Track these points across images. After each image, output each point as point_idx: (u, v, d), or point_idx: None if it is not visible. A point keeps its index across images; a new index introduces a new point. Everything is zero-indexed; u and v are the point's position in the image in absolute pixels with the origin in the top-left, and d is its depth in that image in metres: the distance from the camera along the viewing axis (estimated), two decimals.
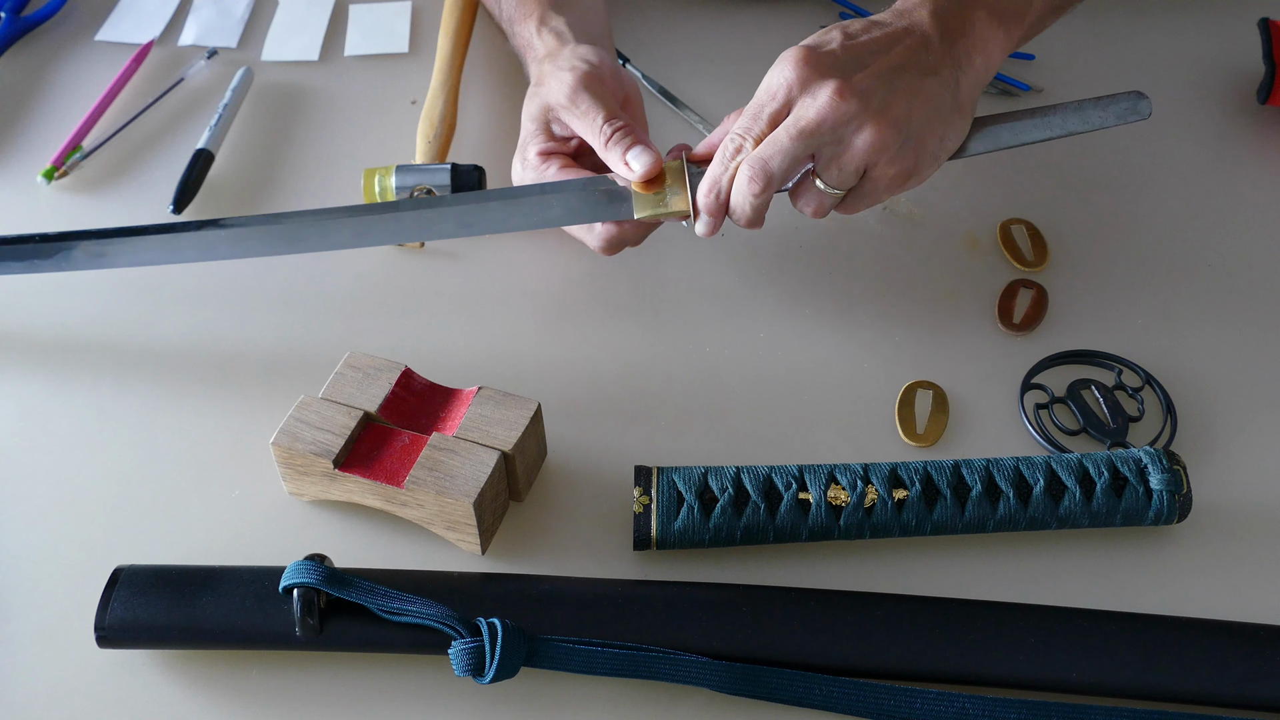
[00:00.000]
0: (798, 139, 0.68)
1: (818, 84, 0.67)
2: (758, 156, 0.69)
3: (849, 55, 0.68)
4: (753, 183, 0.69)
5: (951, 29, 0.71)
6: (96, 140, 0.93)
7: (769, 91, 0.69)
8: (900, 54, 0.69)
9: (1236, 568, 0.69)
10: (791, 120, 0.68)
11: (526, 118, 0.79)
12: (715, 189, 0.71)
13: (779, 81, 0.68)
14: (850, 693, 0.62)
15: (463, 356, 0.79)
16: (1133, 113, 0.75)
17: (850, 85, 0.67)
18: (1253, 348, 0.80)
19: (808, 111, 0.67)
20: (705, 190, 0.72)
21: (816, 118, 0.67)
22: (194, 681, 0.64)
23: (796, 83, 0.67)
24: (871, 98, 0.67)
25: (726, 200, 0.71)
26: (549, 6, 0.85)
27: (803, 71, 0.67)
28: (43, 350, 0.80)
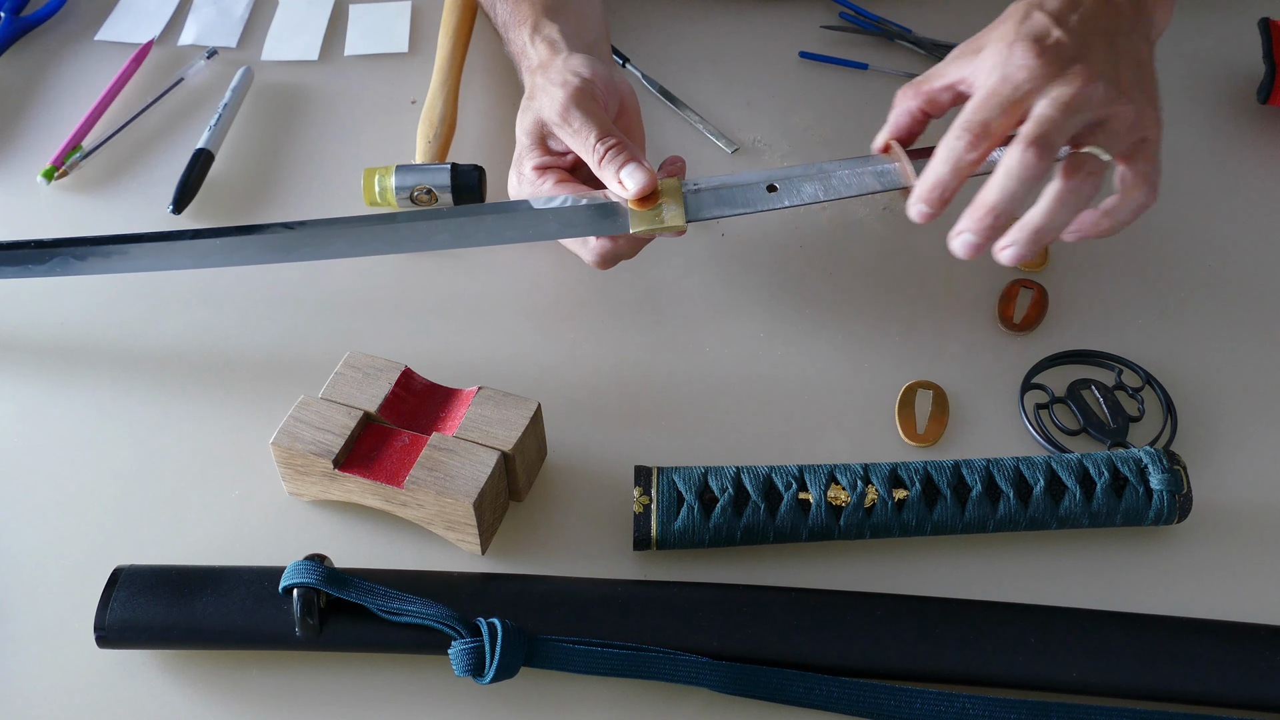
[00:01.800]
0: (1066, 112, 0.64)
1: (1062, 74, 0.65)
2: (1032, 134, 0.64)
3: (1075, 40, 0.66)
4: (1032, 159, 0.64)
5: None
6: (96, 140, 0.93)
7: (1009, 83, 0.65)
8: (1108, 23, 0.68)
9: (1236, 568, 0.69)
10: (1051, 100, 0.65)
11: (521, 132, 0.79)
12: (942, 186, 0.67)
13: (1019, 73, 0.65)
14: (850, 693, 0.62)
15: (463, 356, 0.79)
16: None
17: (1092, 70, 0.65)
18: (1253, 347, 0.80)
19: (1064, 93, 0.64)
20: (930, 188, 0.67)
21: (1075, 97, 0.64)
22: (194, 681, 0.64)
23: (1041, 76, 0.65)
24: (1112, 77, 0.65)
25: (950, 196, 0.68)
26: (543, 13, 0.84)
27: (1044, 65, 0.65)
28: (43, 351, 0.80)
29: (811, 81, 0.99)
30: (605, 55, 0.87)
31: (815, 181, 0.75)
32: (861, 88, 0.98)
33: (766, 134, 0.94)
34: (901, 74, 0.99)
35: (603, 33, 0.89)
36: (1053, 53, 0.65)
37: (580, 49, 0.81)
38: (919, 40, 1.01)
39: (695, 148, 0.93)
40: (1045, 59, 0.65)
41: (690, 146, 0.93)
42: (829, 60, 1.00)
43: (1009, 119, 0.66)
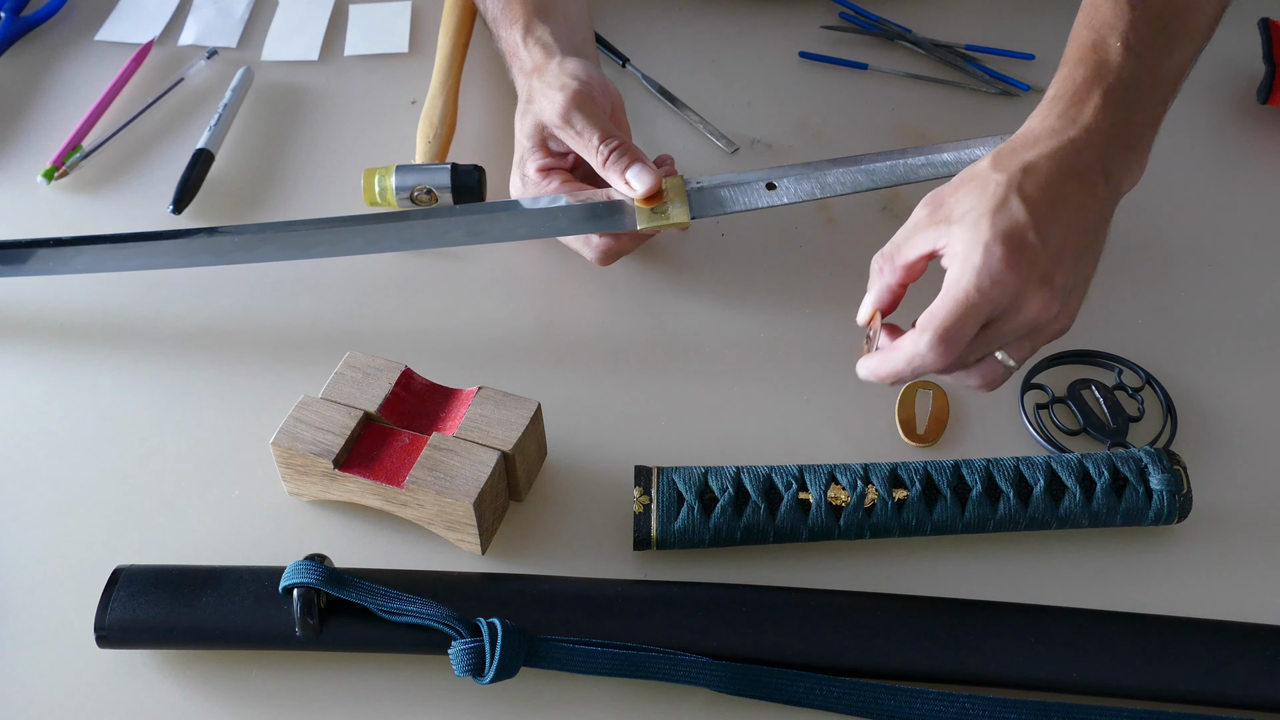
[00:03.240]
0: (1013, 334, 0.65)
1: (1027, 293, 0.64)
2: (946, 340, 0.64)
3: (1047, 251, 0.64)
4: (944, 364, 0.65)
5: (1115, 175, 0.68)
6: (96, 140, 0.93)
7: (985, 296, 0.63)
8: (1080, 217, 0.66)
9: (1236, 568, 0.69)
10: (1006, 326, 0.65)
11: (522, 134, 0.80)
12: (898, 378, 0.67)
13: (993, 289, 0.63)
14: (850, 693, 0.62)
15: (463, 356, 0.79)
16: None
17: (1054, 290, 0.64)
18: (1253, 347, 0.80)
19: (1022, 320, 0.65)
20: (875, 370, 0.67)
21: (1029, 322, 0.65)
22: (194, 681, 0.64)
23: (1012, 293, 0.63)
24: (1069, 291, 0.65)
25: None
26: (534, 14, 0.85)
27: (1016, 280, 0.63)
28: (43, 350, 0.80)
29: (811, 81, 0.99)
30: (592, 55, 0.88)
31: (812, 180, 0.78)
32: (861, 88, 0.98)
33: (766, 134, 0.94)
34: (901, 74, 0.99)
35: (589, 32, 0.90)
36: (1026, 265, 0.63)
37: (570, 51, 0.82)
38: (919, 40, 1.01)
39: (695, 148, 0.93)
40: (1019, 273, 0.63)
41: (690, 146, 0.93)
42: (829, 60, 1.00)
43: (976, 326, 0.64)
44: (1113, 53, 0.69)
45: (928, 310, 0.65)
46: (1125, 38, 0.69)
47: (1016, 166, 0.65)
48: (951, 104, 0.97)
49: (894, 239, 0.69)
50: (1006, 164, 0.66)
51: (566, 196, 0.78)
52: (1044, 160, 0.66)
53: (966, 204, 0.66)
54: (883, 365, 0.67)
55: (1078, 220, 0.65)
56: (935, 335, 0.63)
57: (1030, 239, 0.63)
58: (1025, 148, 0.67)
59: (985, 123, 0.95)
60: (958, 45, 1.01)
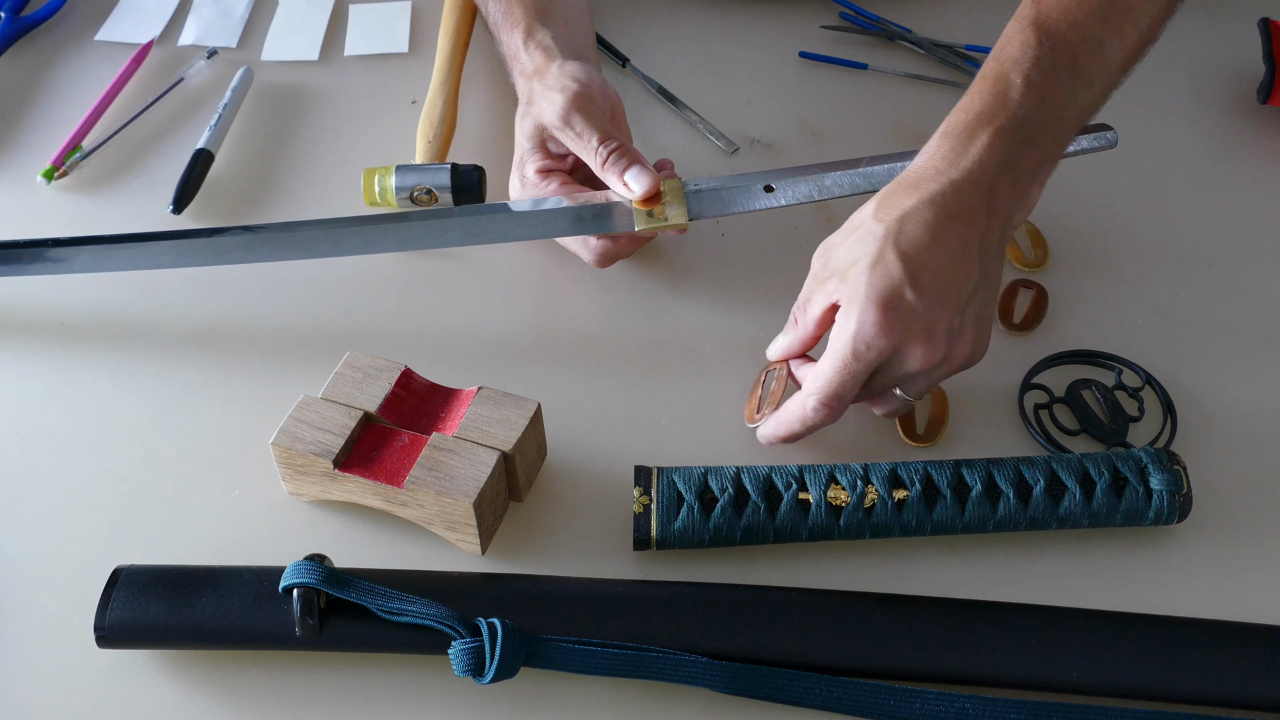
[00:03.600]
0: (894, 383, 0.69)
1: (905, 345, 0.66)
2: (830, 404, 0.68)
3: (926, 303, 0.65)
4: (828, 419, 0.69)
5: (1001, 207, 0.68)
6: (96, 140, 0.93)
7: (859, 358, 0.66)
8: (964, 258, 0.66)
9: (1236, 568, 0.69)
10: (888, 383, 0.68)
11: (521, 136, 0.81)
12: (790, 435, 0.70)
13: (868, 352, 0.65)
14: (850, 693, 0.62)
15: (463, 356, 0.79)
16: (1102, 142, 0.81)
17: (934, 340, 0.65)
18: (1253, 347, 0.80)
19: (902, 369, 0.67)
20: (772, 434, 0.71)
21: (913, 372, 0.67)
22: (194, 681, 0.64)
23: (886, 348, 0.65)
24: (955, 333, 0.66)
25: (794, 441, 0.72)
26: (535, 18, 0.85)
27: (890, 339, 0.65)
28: (44, 350, 0.80)
29: (811, 81, 0.99)
30: (593, 59, 0.88)
31: (810, 182, 0.78)
32: (861, 88, 0.98)
33: (766, 134, 0.94)
34: (901, 74, 0.99)
35: (590, 37, 0.91)
36: (902, 324, 0.65)
37: (571, 55, 0.82)
38: (919, 40, 1.01)
39: (695, 148, 0.93)
40: (894, 333, 0.65)
41: (690, 146, 0.93)
42: (829, 60, 1.00)
43: (858, 386, 0.67)
44: (1013, 89, 0.68)
45: (813, 370, 0.68)
46: (1028, 75, 0.68)
47: (895, 216, 0.66)
48: (951, 104, 0.96)
49: (804, 291, 0.72)
50: (887, 212, 0.67)
51: (565, 198, 0.78)
52: (923, 206, 0.66)
53: (850, 257, 0.67)
54: (778, 429, 0.71)
55: (959, 262, 0.66)
56: (819, 400, 0.68)
57: (906, 296, 0.65)
58: (907, 190, 0.67)
59: None
60: (958, 45, 1.01)
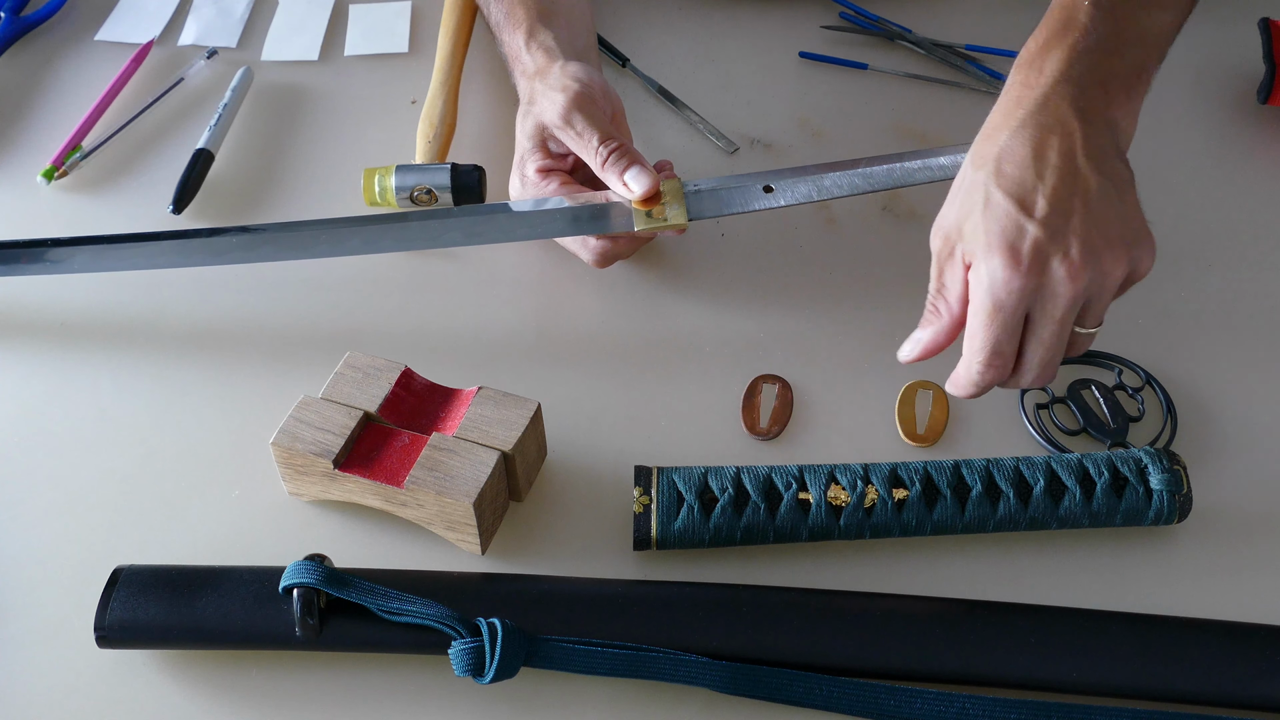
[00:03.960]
0: (1061, 326, 0.64)
1: (1049, 279, 0.63)
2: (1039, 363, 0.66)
3: (1050, 231, 0.63)
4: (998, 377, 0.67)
5: (1094, 111, 0.66)
6: (96, 140, 0.93)
7: (1003, 309, 0.64)
8: (1070, 169, 0.64)
9: (1236, 568, 0.69)
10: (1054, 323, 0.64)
11: (522, 135, 0.81)
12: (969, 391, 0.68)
13: (1009, 298, 0.63)
14: (850, 693, 0.62)
15: (463, 356, 0.79)
16: None
17: (1074, 260, 0.62)
18: (1253, 348, 0.80)
19: (1057, 301, 0.63)
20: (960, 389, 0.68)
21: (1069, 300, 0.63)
22: (194, 681, 0.64)
23: (1029, 289, 0.63)
24: (1097, 244, 0.63)
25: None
26: (537, 19, 0.85)
27: (1028, 279, 0.63)
28: (43, 350, 0.80)
29: (811, 81, 0.99)
30: (595, 61, 0.88)
31: (809, 182, 0.78)
32: (861, 88, 0.98)
33: (766, 134, 0.94)
34: (901, 74, 0.99)
35: (592, 39, 0.91)
36: (1030, 256, 0.62)
37: (573, 56, 0.82)
38: (919, 40, 1.01)
39: (695, 148, 0.93)
40: (1026, 269, 0.62)
41: (690, 146, 0.93)
42: (829, 60, 1.00)
43: (1016, 335, 0.65)
44: (1080, 12, 0.68)
45: (966, 332, 0.66)
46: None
47: (991, 158, 0.65)
48: (951, 104, 0.97)
49: (933, 279, 0.69)
50: (982, 157, 0.66)
51: (565, 198, 0.78)
52: (1012, 137, 0.65)
53: (961, 215, 0.66)
54: (957, 391, 0.68)
55: (1069, 174, 0.64)
56: (982, 361, 0.65)
57: (1025, 228, 0.63)
58: (995, 131, 0.67)
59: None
60: (958, 45, 1.01)
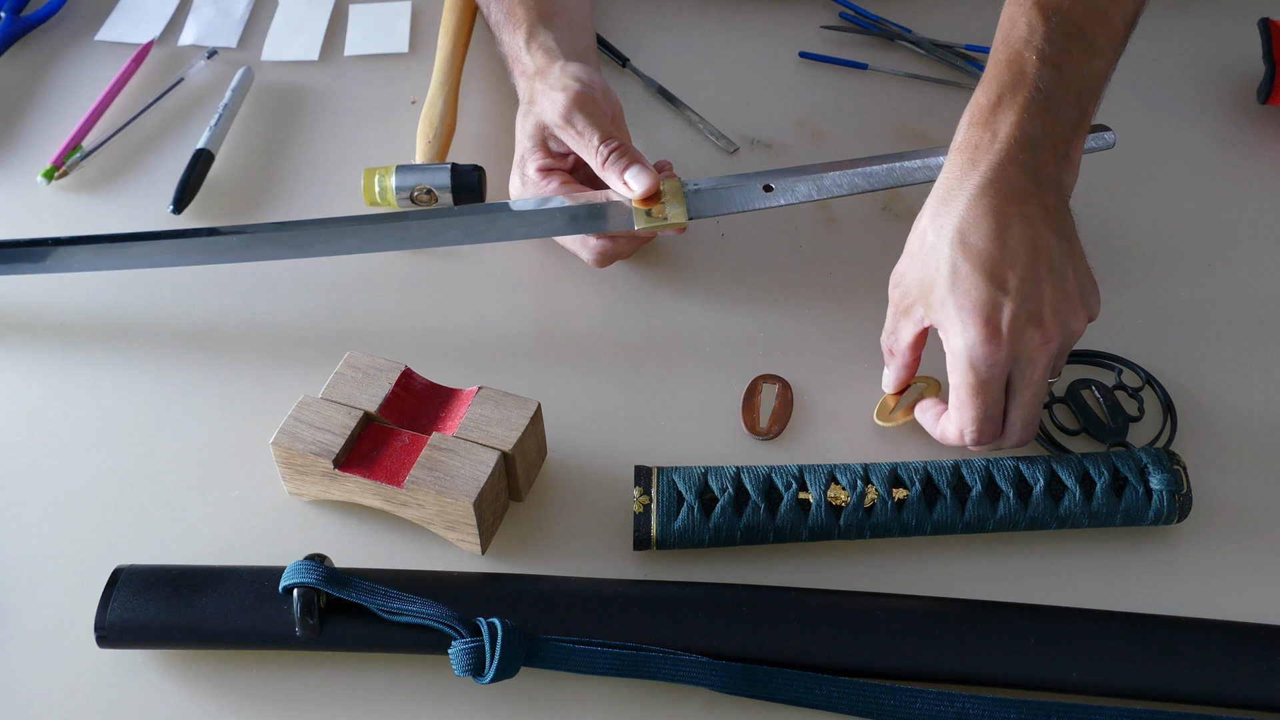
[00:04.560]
0: (1037, 398, 0.67)
1: (1024, 348, 0.65)
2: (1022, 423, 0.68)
3: (1024, 304, 0.64)
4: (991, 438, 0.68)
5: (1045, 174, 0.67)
6: (96, 140, 0.93)
7: (980, 377, 0.65)
8: (1032, 234, 0.65)
9: (1236, 568, 0.69)
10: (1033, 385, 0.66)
11: (523, 135, 0.81)
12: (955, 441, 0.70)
13: (986, 369, 0.65)
14: (850, 693, 0.62)
15: (463, 356, 0.79)
16: (1100, 143, 0.81)
17: (1045, 324, 0.65)
18: (1253, 347, 0.80)
19: (1032, 364, 0.65)
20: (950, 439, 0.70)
21: (1044, 361, 0.66)
22: (194, 681, 0.64)
23: (1005, 358, 0.65)
24: (1061, 303, 0.65)
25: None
26: (538, 19, 0.85)
27: (1005, 348, 0.64)
28: (43, 350, 0.80)
29: (811, 81, 0.99)
30: (594, 62, 0.88)
31: (809, 182, 0.78)
32: (861, 88, 0.98)
33: (766, 134, 0.94)
34: (901, 74, 0.99)
35: (592, 40, 0.91)
36: (1006, 326, 0.64)
37: (573, 56, 0.83)
38: (919, 40, 1.01)
39: (695, 148, 0.93)
40: (1003, 339, 0.64)
41: (690, 146, 0.93)
42: (829, 60, 1.00)
43: (1001, 399, 0.67)
44: (1029, 65, 0.68)
45: (952, 407, 0.68)
46: (1041, 51, 0.68)
47: (953, 225, 0.66)
48: (951, 104, 0.97)
49: (888, 321, 0.72)
50: (943, 223, 0.66)
51: (565, 197, 0.78)
52: (974, 202, 0.65)
53: (925, 280, 0.67)
54: (941, 438, 0.70)
55: (1032, 242, 0.65)
56: (975, 431, 0.67)
57: (998, 301, 0.64)
58: (950, 195, 0.67)
59: None
60: (958, 45, 1.01)
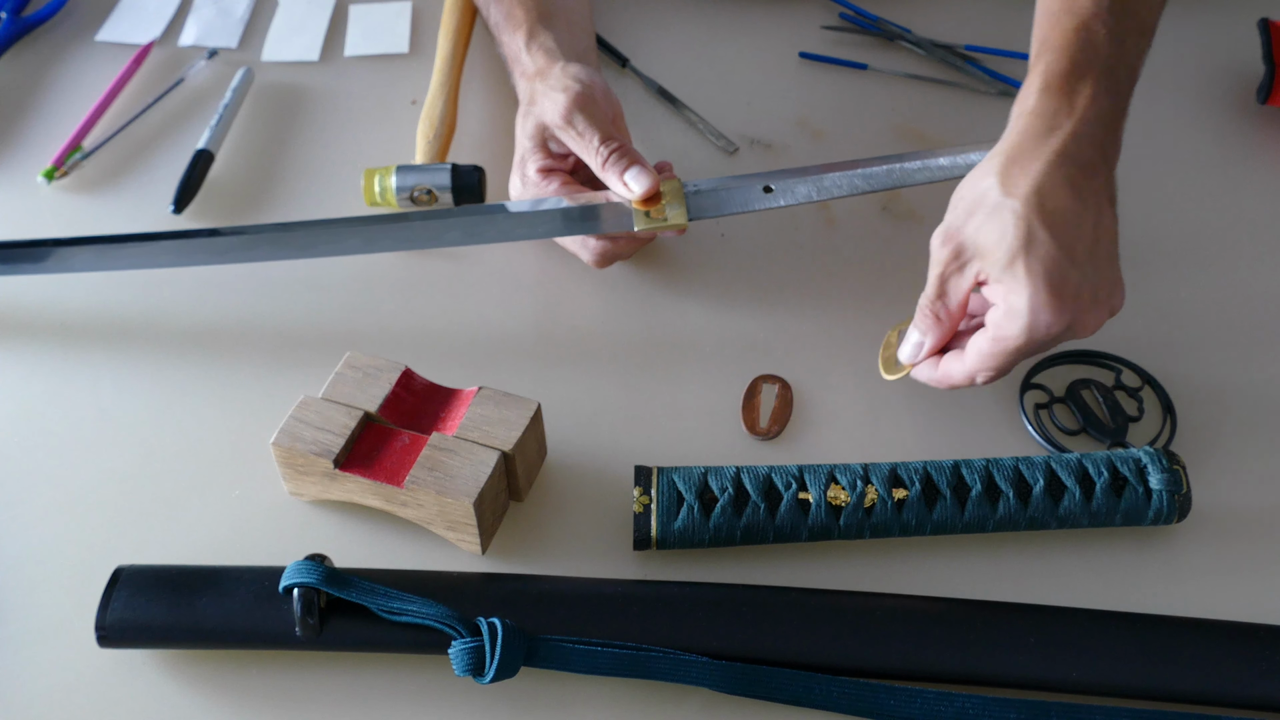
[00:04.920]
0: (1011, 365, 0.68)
1: (1076, 319, 0.66)
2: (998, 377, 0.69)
3: (1085, 277, 0.65)
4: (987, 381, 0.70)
5: (1110, 154, 0.69)
6: (97, 140, 0.93)
7: (1033, 342, 0.66)
8: (1097, 213, 0.66)
9: (1236, 568, 0.69)
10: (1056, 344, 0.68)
11: (523, 135, 0.81)
12: (947, 388, 0.71)
13: (1043, 332, 0.65)
14: (850, 693, 0.62)
15: (463, 356, 0.79)
16: None
17: (1100, 303, 0.67)
18: (1252, 347, 0.80)
19: (1069, 336, 0.67)
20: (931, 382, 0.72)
21: (1080, 336, 0.67)
22: (194, 681, 0.64)
23: (1061, 329, 0.65)
24: (1106, 297, 0.67)
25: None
26: (538, 21, 0.85)
27: (1064, 317, 0.65)
28: (44, 350, 0.80)
29: (811, 81, 0.99)
30: (594, 63, 0.88)
31: (809, 183, 0.78)
32: (861, 88, 0.99)
33: (766, 134, 0.94)
34: (901, 74, 0.99)
35: (591, 41, 0.91)
36: (1071, 298, 0.65)
37: (573, 58, 0.83)
38: (918, 40, 1.01)
39: (695, 148, 0.93)
40: (1066, 310, 0.64)
41: (690, 147, 0.93)
42: (829, 60, 1.00)
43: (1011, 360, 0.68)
44: (1098, 39, 0.69)
45: (980, 349, 0.67)
46: (1108, 25, 0.69)
47: (1029, 187, 0.65)
48: (951, 104, 0.97)
49: (932, 285, 0.70)
50: (1016, 182, 0.65)
51: (565, 198, 0.78)
52: (1053, 168, 0.65)
53: (989, 239, 0.66)
54: (938, 383, 0.72)
55: (1098, 219, 0.66)
56: (990, 377, 0.69)
57: (1068, 272, 0.64)
58: (1028, 155, 0.66)
59: (985, 123, 0.95)
60: (958, 45, 1.01)
